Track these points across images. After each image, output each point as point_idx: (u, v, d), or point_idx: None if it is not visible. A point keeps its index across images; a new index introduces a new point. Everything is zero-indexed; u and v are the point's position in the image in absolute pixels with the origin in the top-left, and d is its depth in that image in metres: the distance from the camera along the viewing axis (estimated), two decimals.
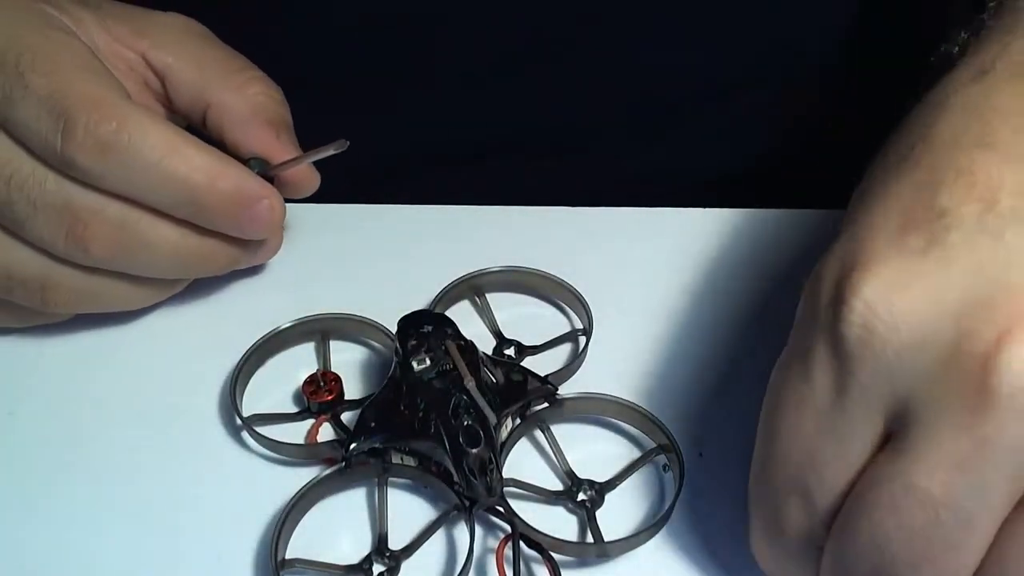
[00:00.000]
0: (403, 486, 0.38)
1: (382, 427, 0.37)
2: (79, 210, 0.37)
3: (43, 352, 0.44)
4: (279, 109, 0.44)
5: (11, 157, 0.37)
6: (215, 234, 0.40)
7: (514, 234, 0.49)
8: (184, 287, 0.44)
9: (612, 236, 0.49)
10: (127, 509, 0.38)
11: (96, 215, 0.38)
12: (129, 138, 0.37)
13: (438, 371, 0.37)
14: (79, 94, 0.37)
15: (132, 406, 0.41)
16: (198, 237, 0.40)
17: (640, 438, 0.40)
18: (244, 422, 0.39)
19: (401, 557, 0.35)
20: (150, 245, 0.39)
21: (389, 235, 0.49)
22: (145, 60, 0.43)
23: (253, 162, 0.42)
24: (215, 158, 0.39)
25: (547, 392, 0.39)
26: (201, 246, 0.40)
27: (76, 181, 0.37)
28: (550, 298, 0.46)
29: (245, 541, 0.37)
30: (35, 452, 0.40)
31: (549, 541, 0.35)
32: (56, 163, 0.37)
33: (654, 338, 0.44)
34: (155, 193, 0.38)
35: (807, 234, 0.49)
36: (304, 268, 0.48)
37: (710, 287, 0.46)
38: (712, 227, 0.50)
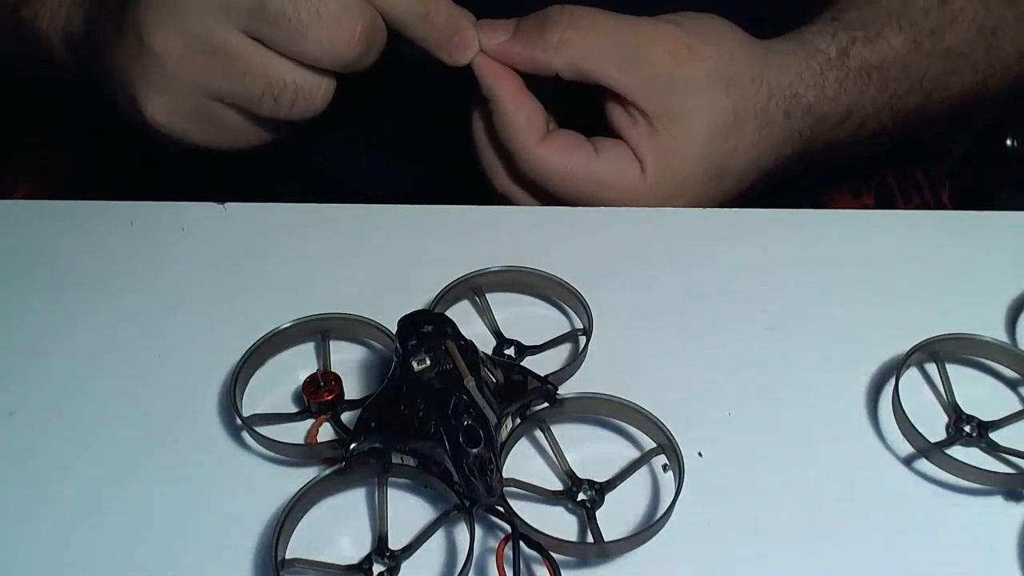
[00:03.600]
0: (403, 486, 0.38)
1: (382, 427, 0.37)
2: (351, 13, 0.44)
3: (43, 352, 0.44)
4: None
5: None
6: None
7: (514, 234, 0.49)
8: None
9: (612, 236, 0.49)
10: (127, 509, 0.38)
11: (361, 14, 0.45)
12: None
13: (438, 371, 0.37)
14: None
15: (132, 406, 0.41)
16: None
17: (640, 438, 0.40)
18: (244, 422, 0.39)
19: (401, 557, 0.35)
20: (381, 40, 0.46)
21: (389, 235, 0.49)
22: None
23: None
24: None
25: (547, 392, 0.39)
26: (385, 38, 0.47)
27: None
28: (550, 298, 0.46)
29: (245, 541, 0.37)
30: (35, 452, 0.40)
31: (549, 541, 0.35)
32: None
33: (654, 338, 0.44)
34: (401, 5, 0.46)
35: (807, 234, 0.49)
36: (304, 268, 0.48)
37: (710, 287, 0.46)
38: (712, 227, 0.50)
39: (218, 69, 0.45)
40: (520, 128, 0.48)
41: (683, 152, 0.49)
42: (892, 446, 0.40)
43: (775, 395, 0.42)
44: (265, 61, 0.45)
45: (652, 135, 0.48)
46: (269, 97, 0.46)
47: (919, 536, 0.37)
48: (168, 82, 0.46)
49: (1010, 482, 0.38)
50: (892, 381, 0.41)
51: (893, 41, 0.52)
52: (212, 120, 0.48)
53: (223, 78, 0.45)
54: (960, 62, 0.54)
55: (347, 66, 0.46)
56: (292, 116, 0.47)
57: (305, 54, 0.45)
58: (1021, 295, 0.46)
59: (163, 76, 0.45)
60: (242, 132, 0.49)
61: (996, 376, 0.43)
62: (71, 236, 0.49)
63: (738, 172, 0.50)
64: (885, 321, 0.45)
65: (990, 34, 0.54)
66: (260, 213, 0.50)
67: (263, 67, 0.45)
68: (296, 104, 0.46)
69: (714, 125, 0.48)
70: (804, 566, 0.36)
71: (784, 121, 0.50)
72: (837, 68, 0.51)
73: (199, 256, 0.48)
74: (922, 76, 0.53)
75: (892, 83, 0.52)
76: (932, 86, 0.53)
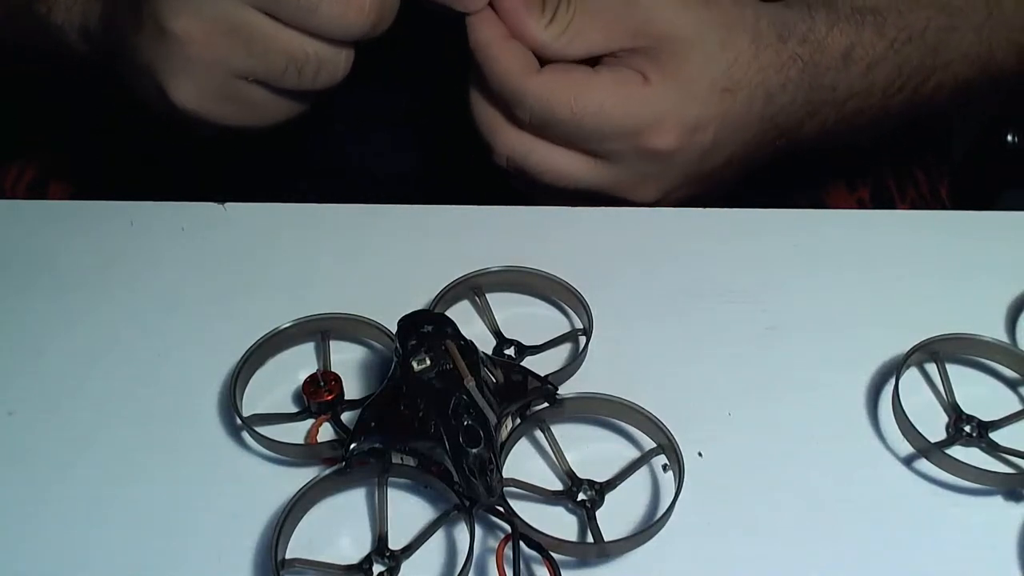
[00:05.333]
0: (403, 486, 0.38)
1: (382, 427, 0.37)
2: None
3: (43, 352, 0.44)
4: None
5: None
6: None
7: (514, 234, 0.49)
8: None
9: (612, 236, 0.49)
10: (127, 509, 0.38)
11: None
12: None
13: (438, 371, 0.37)
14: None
15: (132, 406, 0.42)
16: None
17: (640, 438, 0.40)
18: (244, 422, 0.39)
19: (401, 557, 0.35)
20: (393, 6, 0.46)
21: (389, 235, 0.49)
22: None
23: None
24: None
25: (547, 392, 0.39)
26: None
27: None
28: (550, 298, 0.46)
29: (245, 541, 0.37)
30: (35, 452, 0.40)
31: (549, 541, 0.35)
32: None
33: (654, 338, 0.44)
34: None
35: (807, 234, 0.49)
36: (304, 268, 0.48)
37: (710, 287, 0.46)
38: (712, 227, 0.50)
39: (240, 48, 0.46)
40: (511, 67, 0.48)
41: (682, 61, 0.48)
42: (892, 446, 0.40)
43: (775, 395, 0.42)
44: (284, 36, 0.46)
45: (647, 57, 0.48)
46: (293, 71, 0.46)
47: (919, 536, 0.37)
48: (192, 66, 0.46)
49: (1010, 482, 0.38)
50: (892, 381, 0.41)
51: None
52: (239, 99, 0.48)
53: (246, 56, 0.46)
54: (960, 20, 0.54)
55: (362, 36, 0.46)
56: (316, 86, 0.48)
57: (319, 28, 0.45)
58: (1021, 295, 0.46)
59: (186, 60, 0.46)
60: (270, 107, 0.49)
61: (996, 376, 0.43)
62: (71, 236, 0.49)
63: (744, 85, 0.49)
64: (885, 321, 0.45)
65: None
66: (260, 213, 0.50)
67: (283, 42, 0.46)
68: (320, 75, 0.47)
69: (707, 38, 0.48)
70: (804, 566, 0.36)
71: (779, 44, 0.50)
72: (826, 9, 0.51)
73: (199, 256, 0.48)
74: (923, 28, 0.53)
75: (890, 30, 0.52)
76: (935, 41, 0.53)
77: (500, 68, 0.48)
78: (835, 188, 0.67)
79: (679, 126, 0.48)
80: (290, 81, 0.47)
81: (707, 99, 0.49)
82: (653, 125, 0.48)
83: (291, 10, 0.45)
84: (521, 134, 0.50)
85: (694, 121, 0.49)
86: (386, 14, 0.46)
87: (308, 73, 0.47)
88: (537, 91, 0.48)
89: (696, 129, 0.49)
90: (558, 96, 0.48)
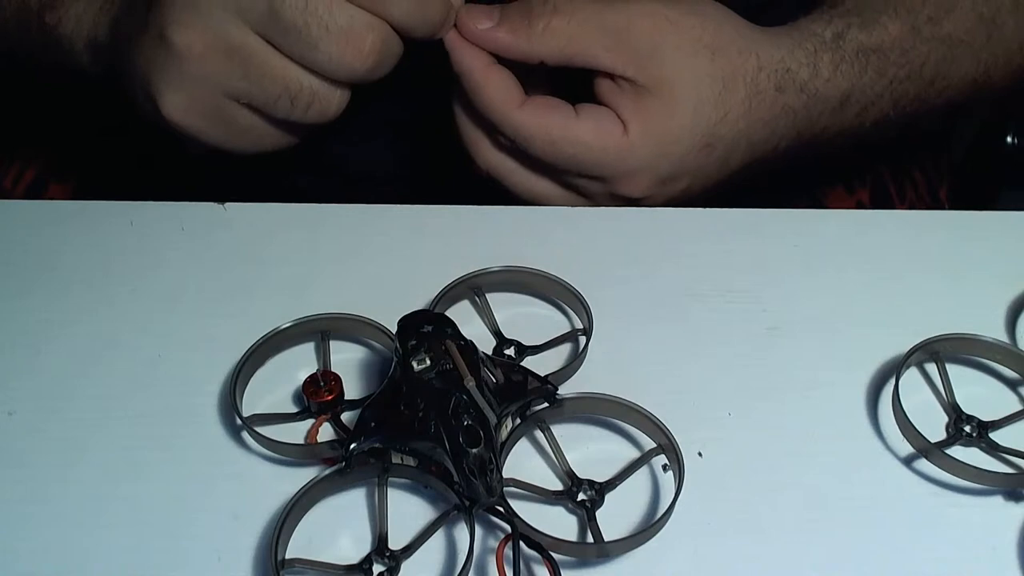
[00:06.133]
0: (403, 486, 0.38)
1: (382, 427, 0.37)
2: (361, 29, 0.45)
3: (43, 352, 0.44)
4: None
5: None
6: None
7: (514, 234, 0.49)
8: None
9: (612, 236, 0.49)
10: (127, 509, 0.38)
11: (370, 30, 0.45)
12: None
13: (438, 371, 0.37)
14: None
15: (132, 406, 0.42)
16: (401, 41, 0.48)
17: (640, 438, 0.40)
18: (244, 422, 0.39)
19: (401, 557, 0.35)
20: (395, 53, 0.47)
21: (389, 235, 0.49)
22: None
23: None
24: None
25: (547, 392, 0.39)
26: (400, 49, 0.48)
27: (353, 3, 0.45)
28: (550, 298, 0.46)
29: (245, 541, 0.37)
30: (35, 452, 0.40)
31: (549, 541, 0.35)
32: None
33: (654, 338, 0.44)
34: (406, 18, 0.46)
35: (807, 234, 0.49)
36: (304, 268, 0.48)
37: (710, 287, 0.46)
38: (712, 227, 0.50)
39: (237, 69, 0.46)
40: (494, 97, 0.48)
41: (668, 115, 0.48)
42: (892, 446, 0.40)
43: (775, 395, 0.42)
44: (282, 65, 0.46)
45: (636, 98, 0.48)
46: (286, 100, 0.47)
47: (919, 536, 0.37)
48: (187, 79, 0.46)
49: (1010, 482, 0.38)
50: (892, 381, 0.41)
51: (890, 27, 0.52)
52: (228, 120, 0.48)
53: (242, 78, 0.46)
54: (961, 50, 0.54)
55: (359, 79, 0.47)
56: (307, 119, 0.48)
57: (317, 64, 0.46)
58: (1021, 295, 0.46)
59: (182, 73, 0.46)
60: (257, 134, 0.49)
61: (996, 376, 0.43)
62: (71, 236, 0.49)
63: (728, 141, 0.49)
64: (885, 321, 0.45)
65: (990, 22, 0.54)
66: (260, 213, 0.50)
67: (280, 70, 0.46)
68: (312, 108, 0.47)
69: (702, 92, 0.48)
70: (804, 566, 0.36)
71: (776, 95, 0.50)
72: (832, 50, 0.51)
73: (199, 256, 0.48)
74: (922, 63, 0.53)
75: (891, 68, 0.52)
76: (933, 74, 0.53)
77: (484, 96, 0.49)
78: (834, 190, 0.67)
79: (651, 179, 0.49)
80: (282, 110, 0.47)
81: (684, 156, 0.49)
82: (625, 176, 0.49)
83: (292, 43, 0.45)
84: (501, 154, 0.51)
85: (667, 174, 0.49)
86: (385, 61, 0.47)
87: (300, 105, 0.47)
88: (517, 125, 0.48)
89: (668, 180, 0.50)
90: (536, 133, 0.48)
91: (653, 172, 0.49)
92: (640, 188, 0.49)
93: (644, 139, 0.48)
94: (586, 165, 0.49)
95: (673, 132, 0.48)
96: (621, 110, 0.48)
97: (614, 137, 0.48)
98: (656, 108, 0.48)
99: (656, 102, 0.48)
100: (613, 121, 0.48)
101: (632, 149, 0.48)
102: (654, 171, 0.49)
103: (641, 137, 0.48)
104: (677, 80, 0.48)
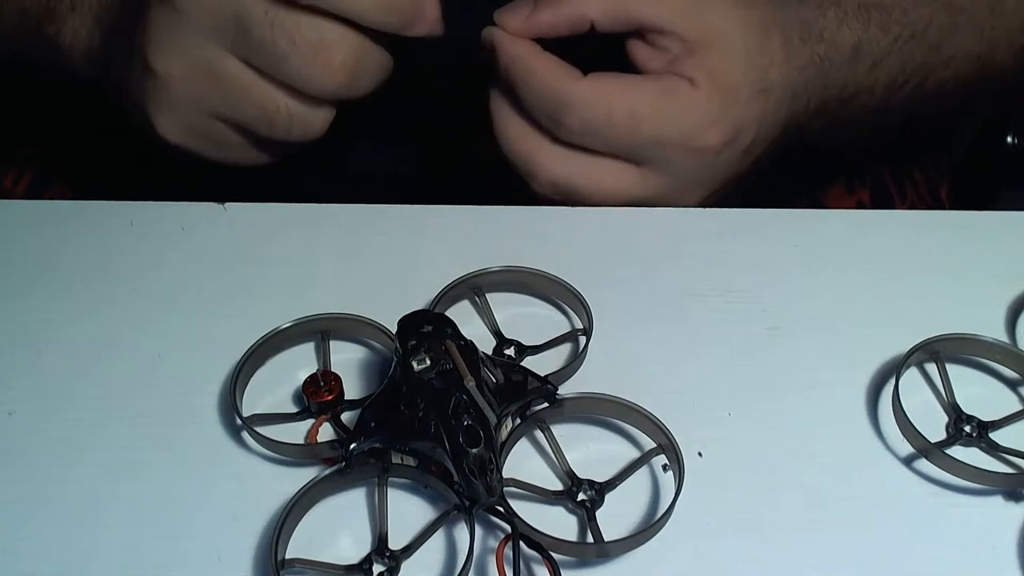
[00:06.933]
0: (403, 486, 0.38)
1: (382, 427, 0.37)
2: (329, 42, 0.45)
3: (43, 352, 0.44)
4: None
5: (269, 7, 0.44)
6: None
7: (514, 234, 0.49)
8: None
9: (612, 236, 0.49)
10: (127, 509, 0.38)
11: (340, 44, 0.45)
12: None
13: (438, 371, 0.37)
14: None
15: (132, 406, 0.42)
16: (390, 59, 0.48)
17: (640, 438, 0.40)
18: (244, 422, 0.39)
19: (401, 557, 0.35)
20: (373, 68, 0.47)
21: (389, 235, 0.49)
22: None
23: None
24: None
25: (547, 392, 0.39)
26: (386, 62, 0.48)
27: (320, 14, 0.44)
28: (550, 298, 0.46)
29: (245, 541, 0.37)
30: (35, 452, 0.40)
31: (549, 541, 0.35)
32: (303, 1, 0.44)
33: (654, 338, 0.44)
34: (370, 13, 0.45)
35: (807, 234, 0.49)
36: (304, 268, 0.48)
37: (710, 287, 0.46)
38: (712, 227, 0.50)
39: (217, 92, 0.46)
40: (555, 74, 0.47)
41: (726, 63, 0.48)
42: (892, 446, 0.40)
43: (775, 395, 0.42)
44: (259, 86, 0.46)
45: (691, 54, 0.48)
46: (265, 122, 0.47)
47: (919, 536, 0.37)
48: (173, 103, 0.47)
49: (1010, 482, 0.38)
50: (892, 381, 0.41)
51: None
52: (220, 139, 0.49)
53: (222, 101, 0.47)
54: (963, 19, 0.54)
55: (334, 94, 0.47)
56: (290, 139, 0.48)
57: (290, 80, 0.46)
58: (1021, 295, 0.46)
59: (168, 97, 0.47)
60: (246, 150, 0.50)
61: (996, 376, 0.43)
62: (71, 236, 0.49)
63: (777, 88, 0.50)
64: (885, 321, 0.45)
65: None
66: (260, 213, 0.50)
67: (257, 92, 0.46)
68: (292, 129, 0.48)
69: (748, 39, 0.49)
70: (804, 566, 0.36)
71: (801, 44, 0.50)
72: (835, 6, 0.52)
73: (199, 256, 0.48)
74: (925, 25, 0.53)
75: (894, 26, 0.52)
76: (937, 39, 0.54)
77: (541, 77, 0.47)
78: (834, 190, 0.67)
79: (727, 128, 0.48)
80: (263, 131, 0.48)
81: (748, 101, 0.49)
82: (704, 129, 0.48)
83: (264, 60, 0.45)
84: (565, 152, 0.49)
85: (739, 122, 0.49)
86: (362, 76, 0.46)
87: (280, 126, 0.47)
88: (589, 94, 0.47)
89: (740, 130, 0.49)
90: (612, 99, 0.47)
91: (728, 121, 0.48)
92: (718, 141, 0.48)
93: (713, 89, 0.48)
94: (666, 124, 0.48)
95: (735, 78, 0.48)
96: (679, 67, 0.48)
97: (686, 91, 0.48)
98: (713, 59, 0.48)
99: (711, 53, 0.48)
100: (678, 80, 0.48)
101: (706, 98, 0.48)
102: (728, 120, 0.48)
103: (710, 87, 0.48)
104: (726, 29, 0.48)
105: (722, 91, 0.48)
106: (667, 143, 0.48)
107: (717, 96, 0.48)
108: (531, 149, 0.49)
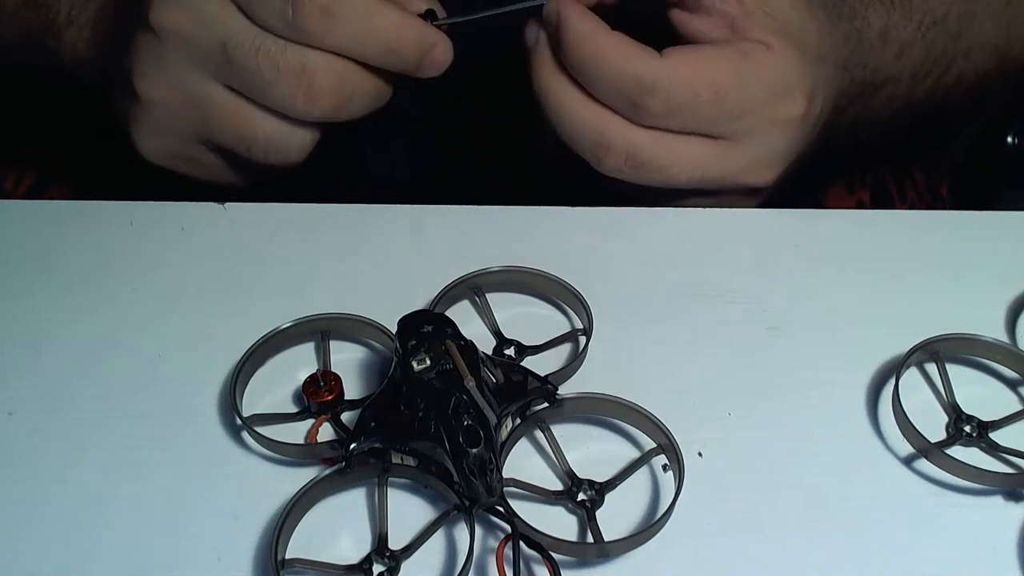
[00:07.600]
0: (403, 486, 0.38)
1: (382, 427, 0.37)
2: (313, 69, 0.44)
3: (43, 352, 0.44)
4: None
5: (255, 34, 0.44)
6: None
7: (514, 234, 0.49)
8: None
9: (612, 236, 0.49)
10: (127, 509, 0.38)
11: (325, 71, 0.44)
12: (342, 2, 0.44)
13: (438, 371, 0.37)
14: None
15: (132, 406, 0.42)
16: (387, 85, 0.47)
17: (640, 438, 0.40)
18: (244, 422, 0.39)
19: (401, 557, 0.35)
20: (361, 94, 0.46)
21: (389, 235, 0.49)
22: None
23: (427, 13, 0.47)
24: (401, 13, 0.45)
25: (547, 392, 0.39)
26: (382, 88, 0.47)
27: (306, 46, 0.44)
28: (550, 298, 0.46)
29: (245, 541, 0.37)
30: (35, 452, 0.40)
31: (549, 541, 0.35)
32: (289, 32, 0.44)
33: (654, 338, 0.44)
34: (363, 45, 0.45)
35: (807, 234, 0.49)
36: (304, 268, 0.48)
37: (710, 287, 0.46)
38: (712, 227, 0.50)
39: (197, 117, 0.47)
40: (635, 53, 0.44)
41: (787, 25, 0.47)
42: (892, 446, 0.40)
43: (775, 395, 0.42)
44: (238, 112, 0.46)
45: (751, 17, 0.46)
46: (243, 147, 0.47)
47: (919, 536, 0.37)
48: (155, 126, 0.48)
49: (1010, 482, 0.38)
50: (892, 381, 0.41)
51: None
52: (204, 162, 0.50)
53: (201, 126, 0.47)
54: (979, 7, 0.55)
55: (318, 119, 0.46)
56: (269, 163, 0.48)
57: (275, 106, 0.46)
58: (1021, 295, 0.46)
59: (150, 120, 0.48)
60: (229, 173, 0.51)
61: (996, 376, 0.43)
62: (71, 236, 0.49)
63: (830, 57, 0.49)
64: (885, 321, 0.45)
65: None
66: (260, 213, 0.50)
67: (236, 118, 0.46)
68: (270, 154, 0.47)
69: (797, 5, 0.48)
70: (804, 566, 0.36)
71: (836, 19, 0.50)
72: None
73: (199, 256, 0.48)
74: (945, 13, 0.53)
75: (916, 13, 0.53)
76: (957, 27, 0.54)
77: (618, 57, 0.44)
78: (834, 190, 0.67)
79: (805, 92, 0.47)
80: (241, 156, 0.48)
81: (816, 65, 0.47)
82: (784, 93, 0.46)
83: (248, 86, 0.45)
84: (642, 130, 0.46)
85: (811, 86, 0.47)
86: (350, 101, 0.46)
87: (258, 151, 0.47)
88: (674, 74, 0.44)
89: (814, 95, 0.47)
90: (698, 76, 0.45)
91: (804, 85, 0.47)
92: (798, 105, 0.46)
93: (787, 50, 0.46)
94: (750, 92, 0.45)
95: (802, 40, 0.47)
96: (746, 32, 0.46)
97: (763, 54, 0.46)
98: (776, 23, 0.46)
99: (769, 18, 0.46)
100: (750, 43, 0.46)
101: (784, 59, 0.46)
102: (804, 82, 0.47)
103: (784, 48, 0.46)
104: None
105: (796, 52, 0.47)
106: (749, 113, 0.46)
107: (794, 57, 0.46)
108: (604, 125, 0.46)
